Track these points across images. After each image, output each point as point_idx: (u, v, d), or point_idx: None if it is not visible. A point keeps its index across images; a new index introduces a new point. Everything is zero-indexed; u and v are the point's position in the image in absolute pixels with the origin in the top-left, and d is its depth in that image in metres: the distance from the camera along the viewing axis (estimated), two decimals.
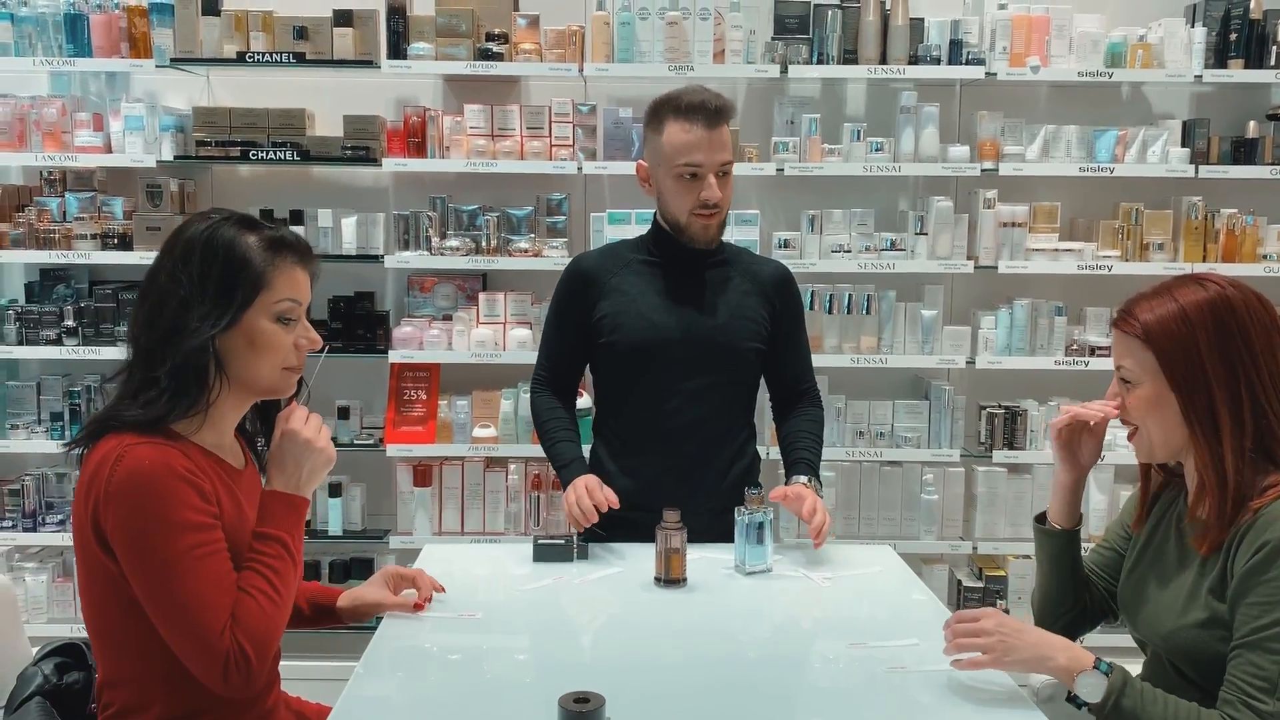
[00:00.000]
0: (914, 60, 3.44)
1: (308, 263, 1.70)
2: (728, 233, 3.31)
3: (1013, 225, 3.50)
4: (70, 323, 3.50)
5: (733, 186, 2.36)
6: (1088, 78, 3.45)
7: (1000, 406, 3.59)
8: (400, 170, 3.53)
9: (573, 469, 2.34)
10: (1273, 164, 3.50)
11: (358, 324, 3.55)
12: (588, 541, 2.27)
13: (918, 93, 3.51)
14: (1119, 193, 3.63)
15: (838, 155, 3.49)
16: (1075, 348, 3.53)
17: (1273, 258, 3.53)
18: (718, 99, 2.28)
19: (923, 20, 3.46)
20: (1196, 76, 3.44)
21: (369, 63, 3.41)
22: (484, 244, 3.50)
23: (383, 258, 3.48)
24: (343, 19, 3.40)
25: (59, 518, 3.58)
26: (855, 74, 3.48)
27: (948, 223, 3.49)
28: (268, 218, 3.39)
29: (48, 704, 1.66)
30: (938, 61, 3.43)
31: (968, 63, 3.44)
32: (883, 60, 3.45)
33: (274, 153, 3.44)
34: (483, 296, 3.55)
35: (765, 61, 3.45)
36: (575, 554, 2.23)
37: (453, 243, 3.47)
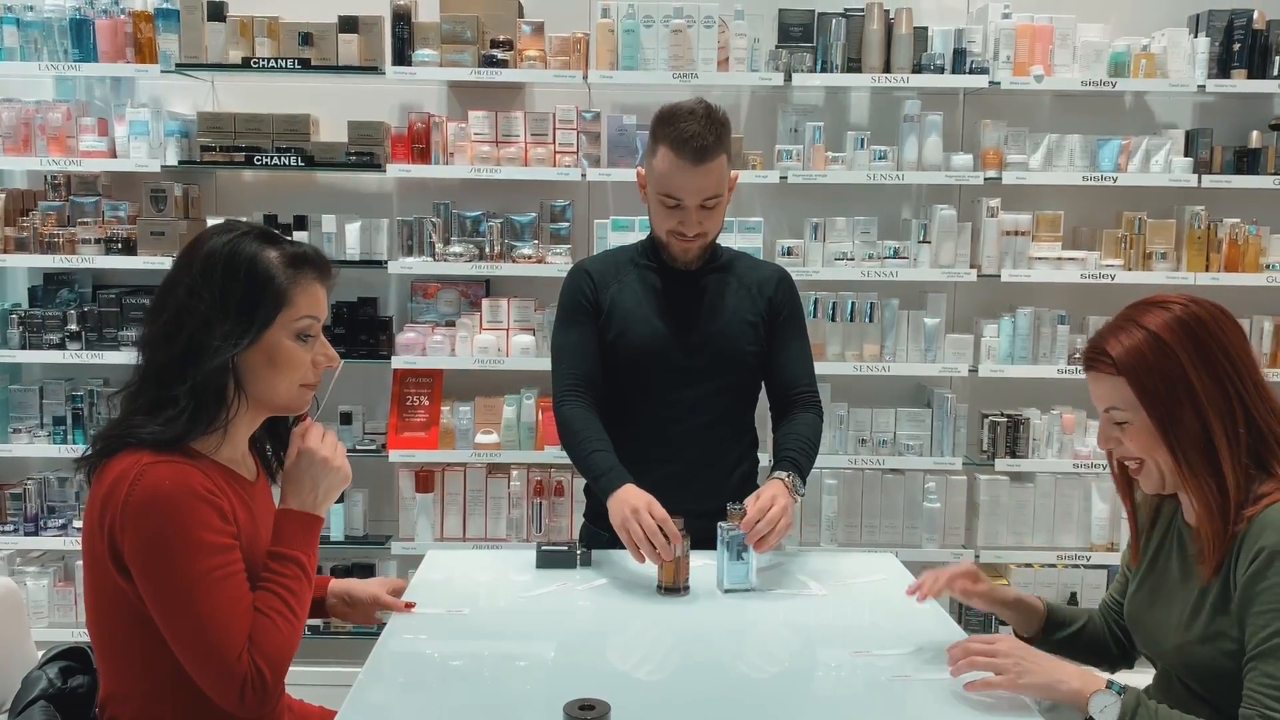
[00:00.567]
0: (918, 69, 3.45)
1: (326, 278, 1.68)
2: (730, 239, 3.35)
3: (1016, 234, 3.51)
4: (73, 327, 3.50)
5: (723, 213, 2.32)
6: (1091, 87, 3.46)
7: (1003, 415, 3.59)
8: (404, 176, 3.53)
9: (612, 476, 2.17)
10: (1275, 174, 3.51)
11: (361, 330, 3.55)
12: (591, 548, 2.26)
13: (921, 101, 3.52)
14: (1122, 202, 3.63)
15: (841, 163, 3.50)
16: (1078, 356, 3.52)
17: (1275, 268, 3.53)
18: (713, 133, 2.19)
19: (926, 29, 3.47)
20: (1199, 86, 3.45)
21: (374, 69, 3.42)
22: (487, 250, 3.50)
23: (386, 263, 3.49)
24: (348, 25, 3.41)
25: (60, 522, 3.58)
26: (859, 82, 3.48)
27: (951, 231, 3.49)
28: (272, 224, 3.40)
29: (52, 708, 1.64)
30: (941, 70, 3.44)
31: (971, 71, 3.44)
32: (886, 69, 3.45)
33: (278, 158, 3.44)
34: (486, 303, 3.55)
35: (769, 69, 3.46)
36: (579, 561, 2.23)
37: (456, 249, 3.47)
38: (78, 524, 3.55)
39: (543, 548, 2.24)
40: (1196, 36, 3.49)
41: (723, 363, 2.35)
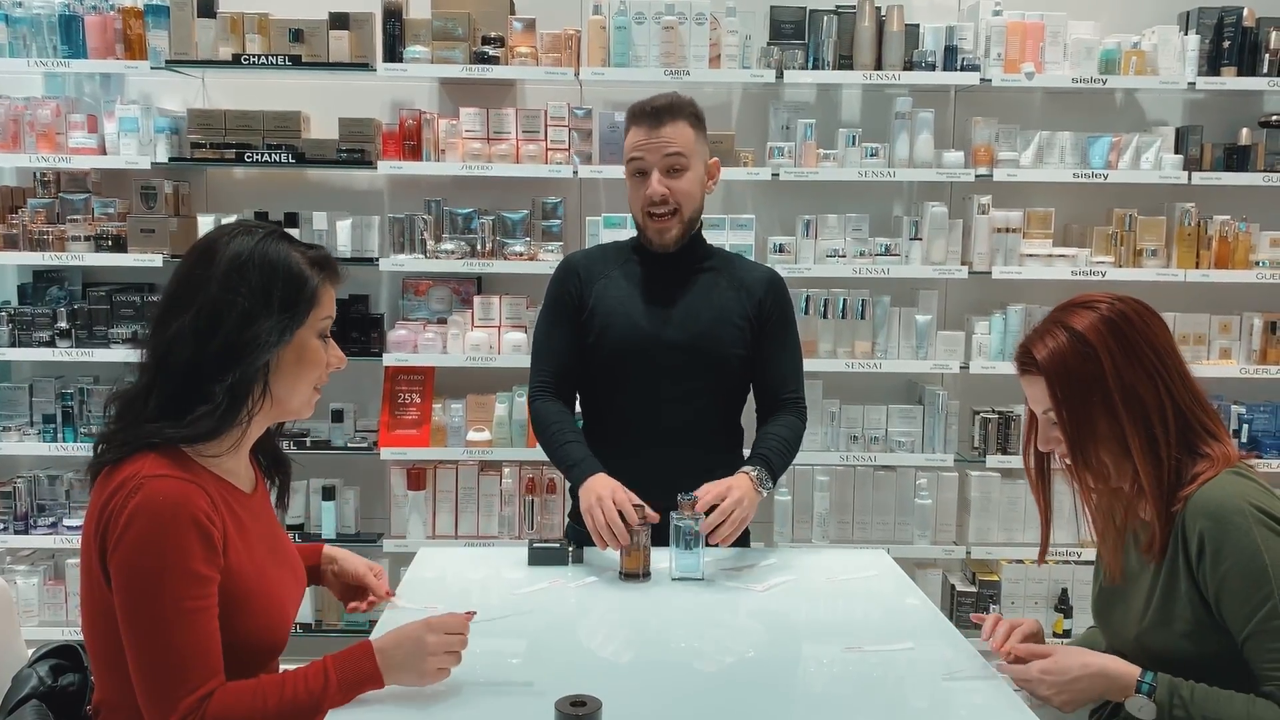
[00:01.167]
0: (909, 66, 3.45)
1: (339, 280, 1.70)
2: (722, 236, 3.35)
3: (1006, 231, 3.52)
4: (63, 324, 3.49)
5: (694, 185, 2.29)
6: (1082, 84, 3.46)
7: (994, 411, 3.60)
8: (395, 173, 3.53)
9: (584, 467, 2.22)
10: (1265, 171, 3.52)
11: (352, 327, 3.55)
12: (581, 545, 2.26)
13: (913, 98, 3.53)
14: (1112, 199, 3.64)
15: (833, 160, 3.50)
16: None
17: (1265, 264, 3.55)
18: (668, 98, 2.28)
19: (918, 26, 3.48)
20: (1190, 83, 3.46)
21: (365, 66, 3.41)
22: (479, 247, 3.50)
23: (378, 261, 3.48)
24: (339, 22, 3.40)
25: (50, 520, 3.57)
26: (850, 79, 3.49)
27: (942, 228, 3.50)
28: (263, 220, 3.39)
29: (43, 706, 1.64)
30: (933, 67, 3.44)
31: (962, 69, 3.45)
32: (878, 66, 3.46)
33: (269, 155, 3.43)
34: (478, 300, 3.55)
35: (761, 66, 3.46)
36: (570, 558, 2.23)
37: (448, 246, 3.47)
38: (68, 522, 3.54)
39: (534, 545, 2.25)
40: (1187, 34, 3.50)
41: (705, 363, 2.34)
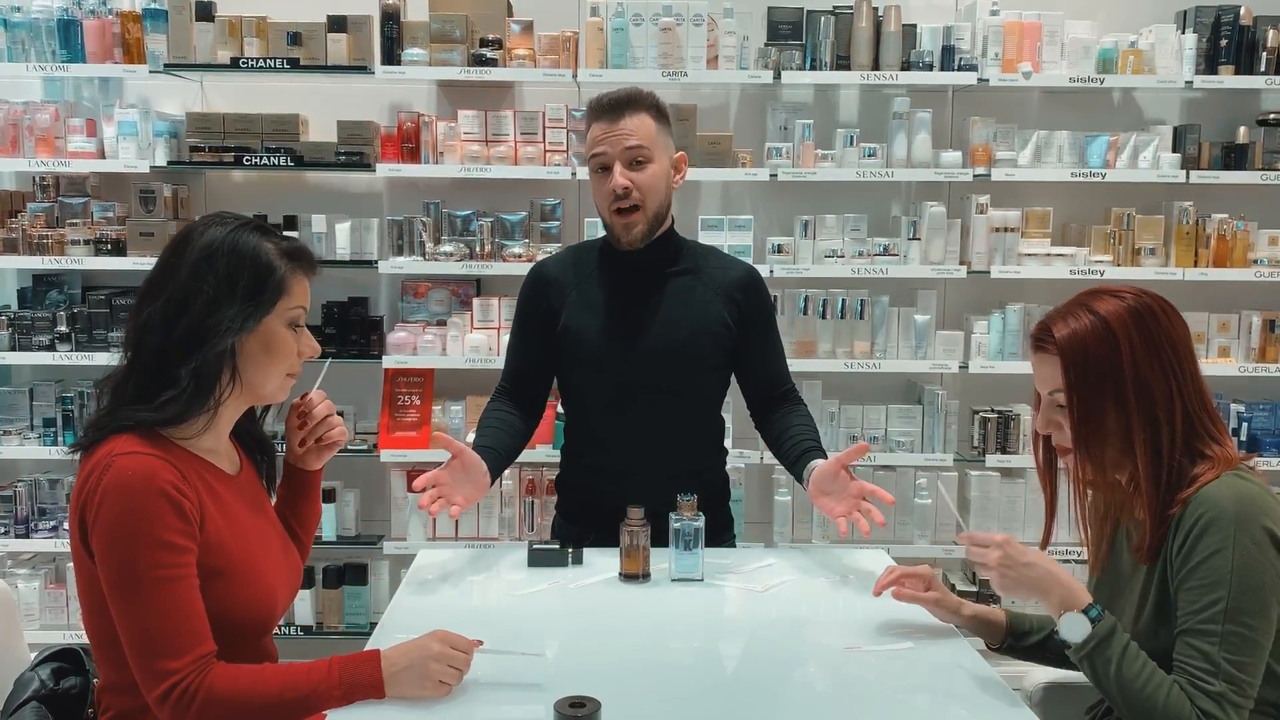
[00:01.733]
0: (906, 66, 3.46)
1: (313, 272, 1.74)
2: (720, 237, 3.35)
3: (1005, 230, 3.52)
4: (63, 328, 3.49)
5: (658, 179, 2.25)
6: (1079, 83, 3.47)
7: (993, 411, 3.60)
8: (394, 176, 3.53)
9: None
10: (1263, 169, 3.53)
11: (352, 329, 3.55)
12: (580, 546, 2.26)
13: (910, 98, 3.53)
14: (1111, 198, 3.65)
15: (831, 161, 3.50)
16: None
17: (1264, 263, 3.55)
18: (628, 90, 2.24)
19: (915, 26, 3.48)
20: (1187, 82, 3.47)
21: (363, 68, 3.42)
22: (478, 249, 3.50)
23: (377, 263, 3.48)
24: (337, 25, 3.40)
25: (51, 524, 3.57)
26: (848, 80, 3.49)
27: (940, 228, 3.50)
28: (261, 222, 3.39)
29: (44, 709, 1.65)
30: (930, 67, 3.45)
31: (960, 69, 3.45)
32: (875, 66, 3.46)
33: (268, 158, 3.44)
34: (477, 302, 3.55)
35: (758, 67, 3.46)
36: (570, 559, 2.23)
37: (447, 248, 3.47)
38: (68, 526, 3.54)
39: (534, 546, 2.25)
40: (1184, 33, 3.51)
41: (685, 373, 2.31)
